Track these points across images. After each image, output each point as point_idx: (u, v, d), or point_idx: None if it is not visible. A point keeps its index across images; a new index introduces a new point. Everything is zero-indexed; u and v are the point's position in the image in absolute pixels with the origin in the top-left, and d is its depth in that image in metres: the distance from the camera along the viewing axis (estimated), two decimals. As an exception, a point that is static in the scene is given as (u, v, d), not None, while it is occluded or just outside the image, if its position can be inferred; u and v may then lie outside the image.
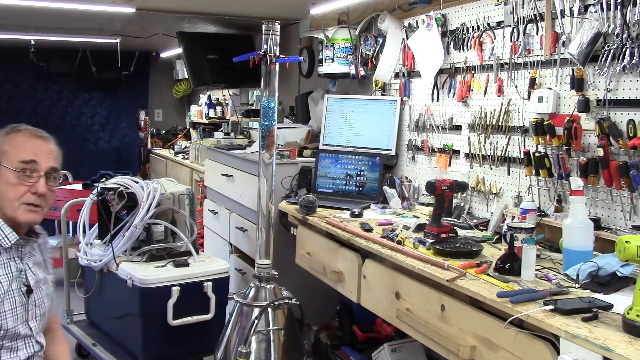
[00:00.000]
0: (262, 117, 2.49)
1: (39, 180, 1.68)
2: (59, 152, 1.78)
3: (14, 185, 1.66)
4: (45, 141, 1.74)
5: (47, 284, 1.83)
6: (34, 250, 1.81)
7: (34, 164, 1.68)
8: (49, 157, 1.72)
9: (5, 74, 6.63)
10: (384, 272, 2.21)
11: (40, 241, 1.85)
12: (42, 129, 1.78)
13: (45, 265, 1.86)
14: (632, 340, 1.34)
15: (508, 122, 2.52)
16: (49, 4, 3.72)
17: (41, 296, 1.78)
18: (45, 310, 1.80)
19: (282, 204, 3.11)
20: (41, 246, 1.86)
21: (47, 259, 1.89)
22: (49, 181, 1.71)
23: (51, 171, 1.71)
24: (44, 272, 1.83)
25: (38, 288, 1.77)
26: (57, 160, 1.76)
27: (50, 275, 1.87)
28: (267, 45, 2.45)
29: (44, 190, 1.68)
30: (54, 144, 1.77)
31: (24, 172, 1.66)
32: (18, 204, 1.66)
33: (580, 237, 1.81)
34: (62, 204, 4.71)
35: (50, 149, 1.74)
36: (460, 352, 1.74)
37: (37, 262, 1.81)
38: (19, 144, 1.69)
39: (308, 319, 2.68)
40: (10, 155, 1.67)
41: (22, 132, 1.72)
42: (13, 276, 1.68)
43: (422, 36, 2.94)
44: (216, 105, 6.18)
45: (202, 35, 4.95)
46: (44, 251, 1.87)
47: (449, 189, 2.33)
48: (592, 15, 2.06)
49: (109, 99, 7.15)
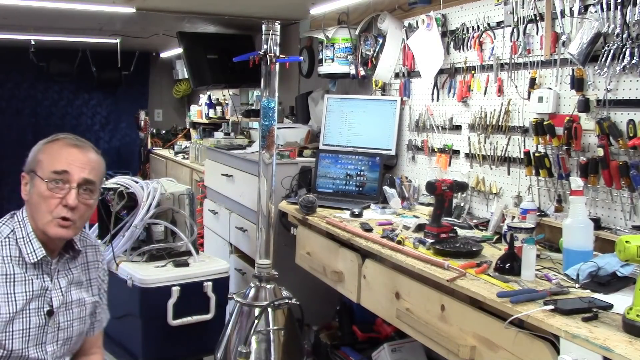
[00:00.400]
0: (262, 117, 2.49)
1: (70, 192, 1.55)
2: (98, 162, 1.64)
3: (46, 197, 1.55)
4: (82, 150, 1.62)
5: (83, 306, 1.69)
6: (74, 268, 1.69)
7: (66, 174, 1.56)
8: (83, 168, 1.59)
9: (5, 74, 6.63)
10: (384, 272, 2.21)
11: (87, 260, 1.72)
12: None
13: (88, 285, 1.73)
14: (632, 340, 1.34)
15: (508, 122, 2.52)
16: (49, 4, 3.72)
17: (69, 319, 1.65)
18: (73, 334, 1.67)
19: (282, 204, 3.11)
20: (88, 265, 1.73)
21: (95, 278, 1.75)
22: (82, 194, 1.58)
23: (84, 183, 1.58)
24: (84, 293, 1.70)
25: (68, 310, 1.64)
26: (94, 171, 1.62)
27: (94, 297, 1.74)
28: (267, 45, 2.45)
29: (75, 203, 1.55)
30: (93, 154, 1.64)
31: (55, 183, 1.55)
32: (50, 217, 1.55)
33: (580, 237, 1.81)
34: (62, 204, 4.73)
35: (87, 159, 1.61)
36: (460, 352, 1.74)
37: (76, 282, 1.68)
38: (53, 153, 1.59)
39: (308, 319, 2.68)
40: (44, 165, 1.57)
41: (59, 141, 1.63)
42: (33, 295, 1.56)
43: (422, 36, 2.94)
44: (216, 105, 6.18)
45: (202, 35, 4.95)
46: (91, 270, 1.74)
47: (449, 189, 2.33)
48: (592, 15, 2.06)
49: (109, 99, 7.15)
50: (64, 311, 1.63)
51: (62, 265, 1.65)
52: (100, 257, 1.79)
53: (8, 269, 1.54)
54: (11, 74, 6.65)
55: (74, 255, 1.68)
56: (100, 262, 1.78)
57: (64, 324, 1.64)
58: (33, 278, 1.57)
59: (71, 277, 1.67)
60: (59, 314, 1.62)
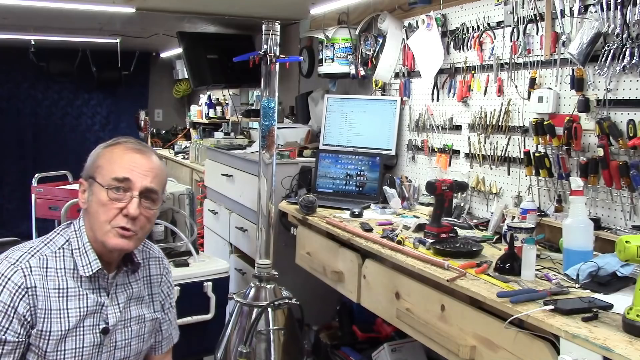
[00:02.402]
0: (262, 117, 2.49)
1: (132, 201, 1.44)
2: (160, 169, 1.53)
3: (105, 205, 1.44)
4: (144, 156, 1.50)
5: (142, 323, 1.58)
6: (135, 282, 1.58)
7: (127, 182, 1.44)
8: (145, 175, 1.47)
9: (5, 74, 6.62)
10: (384, 272, 2.21)
11: (150, 273, 1.63)
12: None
13: (150, 301, 1.61)
14: (632, 340, 1.34)
15: (508, 122, 2.52)
16: (49, 4, 3.72)
17: (127, 337, 1.54)
18: (130, 353, 1.56)
19: (282, 204, 3.11)
20: (151, 279, 1.62)
21: (157, 293, 1.63)
22: (144, 203, 1.47)
23: (146, 191, 1.47)
24: (144, 310, 1.59)
25: (126, 328, 1.53)
26: (157, 179, 1.50)
27: (156, 313, 1.62)
28: (267, 45, 2.45)
29: (136, 213, 1.44)
30: (156, 160, 1.53)
31: (116, 191, 1.44)
32: (109, 227, 1.44)
33: (580, 237, 1.81)
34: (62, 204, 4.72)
35: (150, 165, 1.49)
36: (460, 352, 1.74)
37: (136, 297, 1.57)
38: (114, 158, 1.47)
39: (308, 319, 2.68)
40: (104, 171, 1.46)
41: (121, 145, 1.50)
42: (87, 311, 1.45)
43: (422, 36, 2.94)
44: (216, 105, 6.19)
45: (202, 35, 4.95)
46: (153, 285, 1.63)
47: (449, 189, 2.33)
48: (592, 15, 2.06)
49: (109, 99, 7.15)
50: (121, 329, 1.52)
51: (121, 279, 1.54)
52: (165, 270, 1.67)
53: (62, 282, 1.44)
54: (11, 74, 6.64)
55: (133, 268, 1.57)
56: (164, 276, 1.66)
57: (121, 342, 1.53)
58: (88, 293, 1.46)
59: (130, 292, 1.56)
60: (116, 332, 1.51)
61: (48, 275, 1.43)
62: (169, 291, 1.69)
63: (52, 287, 1.43)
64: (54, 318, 1.42)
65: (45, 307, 1.41)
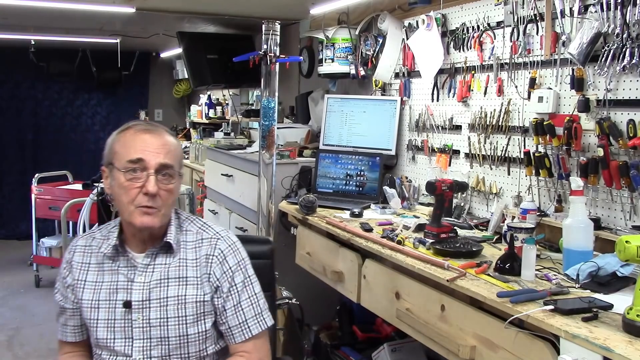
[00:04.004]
0: (262, 117, 2.49)
1: (149, 179, 1.50)
2: (173, 145, 1.57)
3: (125, 187, 1.50)
4: (154, 135, 1.55)
5: (182, 304, 1.54)
6: (176, 262, 1.56)
7: (142, 162, 1.50)
8: (158, 153, 1.52)
9: (5, 74, 6.63)
10: (384, 272, 2.21)
11: (200, 254, 1.58)
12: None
13: (198, 282, 1.56)
14: (632, 340, 1.34)
15: (508, 122, 2.52)
16: (49, 4, 3.72)
17: (163, 316, 1.53)
18: (169, 333, 1.53)
19: (282, 204, 3.11)
20: (200, 259, 1.58)
21: (209, 274, 1.57)
22: (161, 179, 1.52)
23: (162, 168, 1.52)
24: (188, 290, 1.55)
25: (162, 306, 1.53)
26: (170, 154, 1.54)
27: (205, 295, 1.55)
28: (267, 45, 2.46)
29: (155, 190, 1.49)
30: (168, 137, 1.57)
31: (133, 172, 1.50)
32: (133, 208, 1.51)
33: (580, 237, 1.81)
34: (62, 204, 4.73)
35: (160, 143, 1.53)
36: (460, 352, 1.74)
37: (177, 277, 1.55)
38: (126, 142, 1.54)
39: (308, 319, 2.68)
40: (120, 156, 1.52)
41: (131, 129, 1.57)
42: (118, 286, 1.54)
43: (422, 36, 2.94)
44: (216, 105, 6.18)
45: (202, 35, 4.95)
46: (201, 266, 1.57)
47: (449, 189, 2.33)
48: (592, 15, 2.06)
49: (109, 99, 7.15)
50: (157, 307, 1.53)
51: (155, 259, 1.57)
52: (216, 252, 1.59)
53: (100, 258, 1.59)
54: (11, 74, 6.65)
55: (166, 248, 1.57)
56: (216, 257, 1.58)
57: (157, 321, 1.53)
58: (121, 269, 1.56)
59: (166, 272, 1.55)
60: (150, 309, 1.53)
61: (92, 253, 1.61)
62: (225, 274, 1.58)
63: (94, 262, 1.60)
64: (88, 289, 1.57)
65: (81, 279, 1.59)
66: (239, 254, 1.62)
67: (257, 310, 1.61)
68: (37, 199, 5.11)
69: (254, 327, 1.60)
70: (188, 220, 1.65)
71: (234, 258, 1.60)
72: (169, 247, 1.57)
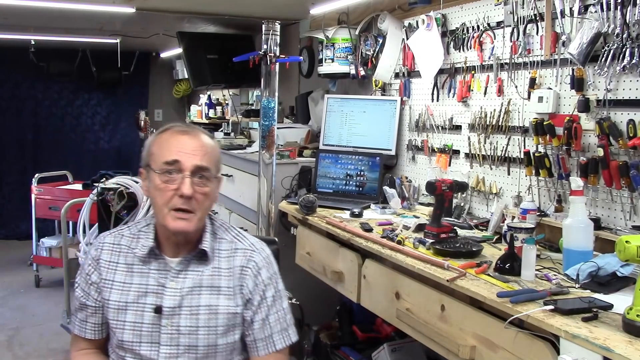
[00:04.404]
0: (262, 117, 2.49)
1: (184, 182, 1.46)
2: (210, 147, 1.53)
3: (161, 189, 1.48)
4: (191, 137, 1.52)
5: (214, 314, 1.51)
6: (210, 271, 1.53)
7: (177, 164, 1.47)
8: (194, 155, 1.49)
9: (5, 74, 6.63)
10: (384, 272, 2.21)
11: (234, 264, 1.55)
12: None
13: (231, 293, 1.53)
14: (632, 340, 1.34)
15: (508, 122, 2.52)
16: (49, 4, 3.72)
17: (193, 325, 1.50)
18: (199, 342, 1.50)
19: (282, 204, 3.11)
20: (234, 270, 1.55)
21: (241, 286, 1.54)
22: (197, 182, 1.48)
23: (197, 170, 1.48)
24: (221, 300, 1.52)
25: (193, 315, 1.50)
26: (207, 157, 1.51)
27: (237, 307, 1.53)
28: (267, 45, 2.46)
29: (190, 192, 1.46)
30: (205, 139, 1.54)
31: (169, 174, 1.48)
32: (167, 210, 1.48)
33: (580, 237, 1.81)
34: (62, 204, 4.72)
35: (197, 144, 1.51)
36: (460, 352, 1.74)
37: (210, 286, 1.53)
38: (162, 143, 1.51)
39: (308, 319, 2.68)
40: (156, 157, 1.50)
41: (168, 131, 1.54)
42: (147, 289, 1.51)
43: (422, 36, 2.94)
44: (216, 105, 6.18)
45: (202, 35, 4.95)
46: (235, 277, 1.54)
47: (449, 189, 2.33)
48: (592, 15, 2.06)
49: (109, 99, 7.15)
50: (188, 315, 1.50)
51: (189, 265, 1.53)
52: (251, 264, 1.56)
53: (130, 259, 1.55)
54: (11, 74, 6.64)
55: (200, 255, 1.54)
56: (250, 269, 1.55)
57: (187, 329, 1.50)
58: (153, 272, 1.52)
59: (200, 279, 1.52)
60: (180, 316, 1.50)
61: (120, 252, 1.56)
62: (257, 287, 1.55)
63: (122, 262, 1.55)
64: (116, 289, 1.53)
65: (108, 278, 1.55)
66: (272, 267, 1.61)
67: (284, 326, 1.60)
68: (37, 199, 5.11)
69: (278, 342, 1.59)
70: (222, 227, 1.62)
71: (267, 272, 1.58)
72: (204, 254, 1.54)
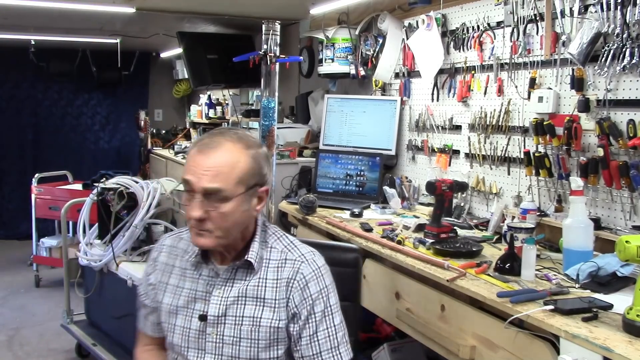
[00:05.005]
0: (262, 117, 2.49)
1: (191, 205, 1.40)
2: (226, 165, 1.40)
3: (184, 205, 1.43)
4: (205, 155, 1.40)
5: (257, 326, 1.45)
6: (255, 281, 1.48)
7: (189, 184, 1.41)
8: (203, 176, 1.39)
9: (5, 74, 6.62)
10: (384, 272, 2.21)
11: (280, 275, 1.48)
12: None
13: (275, 305, 1.46)
14: (632, 340, 1.35)
15: (508, 122, 2.52)
16: (49, 4, 3.72)
17: (236, 335, 1.45)
18: (240, 354, 1.46)
19: (282, 204, 3.11)
20: (280, 282, 1.48)
21: (287, 299, 1.46)
22: (209, 203, 1.39)
23: (206, 192, 1.38)
24: (265, 313, 1.46)
25: (236, 325, 1.45)
26: (220, 177, 1.39)
27: (281, 321, 1.45)
28: (267, 45, 2.45)
29: (197, 215, 1.38)
30: (221, 157, 1.40)
31: (186, 192, 1.42)
32: (189, 226, 1.45)
33: (580, 237, 1.82)
34: (62, 204, 4.72)
35: (209, 165, 1.39)
36: (460, 352, 1.74)
37: (254, 297, 1.47)
38: (187, 159, 1.47)
39: (308, 319, 2.68)
40: (183, 172, 1.47)
41: (196, 146, 1.45)
42: (196, 295, 1.49)
43: (422, 36, 2.94)
44: (216, 105, 6.19)
45: (202, 35, 4.95)
46: (280, 289, 1.47)
47: (449, 189, 2.33)
48: (592, 15, 2.06)
49: (109, 99, 7.14)
50: (232, 325, 1.46)
51: (235, 275, 1.49)
52: (298, 276, 1.47)
53: (185, 263, 1.53)
54: (11, 74, 6.64)
55: (247, 264, 1.48)
56: (297, 282, 1.46)
57: (230, 338, 1.46)
58: (203, 280, 1.50)
59: (244, 290, 1.47)
60: (225, 325, 1.47)
61: (177, 255, 1.56)
62: (305, 301, 1.46)
63: (178, 265, 1.55)
64: (169, 292, 1.53)
65: (163, 281, 1.55)
66: (323, 280, 1.48)
67: (334, 344, 1.48)
68: (37, 199, 5.11)
69: None
70: (275, 235, 1.55)
71: (316, 285, 1.47)
72: (250, 264, 1.49)
